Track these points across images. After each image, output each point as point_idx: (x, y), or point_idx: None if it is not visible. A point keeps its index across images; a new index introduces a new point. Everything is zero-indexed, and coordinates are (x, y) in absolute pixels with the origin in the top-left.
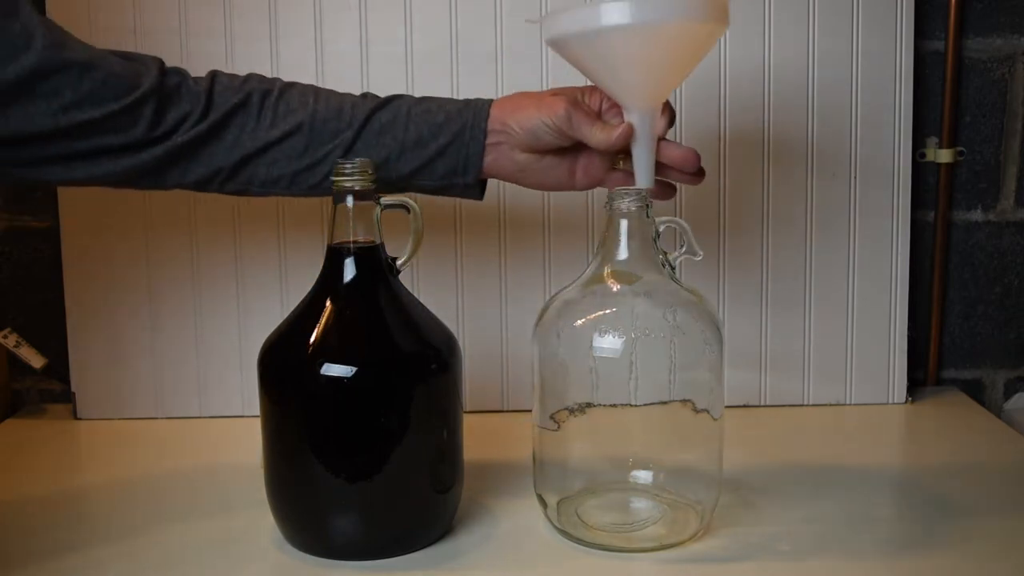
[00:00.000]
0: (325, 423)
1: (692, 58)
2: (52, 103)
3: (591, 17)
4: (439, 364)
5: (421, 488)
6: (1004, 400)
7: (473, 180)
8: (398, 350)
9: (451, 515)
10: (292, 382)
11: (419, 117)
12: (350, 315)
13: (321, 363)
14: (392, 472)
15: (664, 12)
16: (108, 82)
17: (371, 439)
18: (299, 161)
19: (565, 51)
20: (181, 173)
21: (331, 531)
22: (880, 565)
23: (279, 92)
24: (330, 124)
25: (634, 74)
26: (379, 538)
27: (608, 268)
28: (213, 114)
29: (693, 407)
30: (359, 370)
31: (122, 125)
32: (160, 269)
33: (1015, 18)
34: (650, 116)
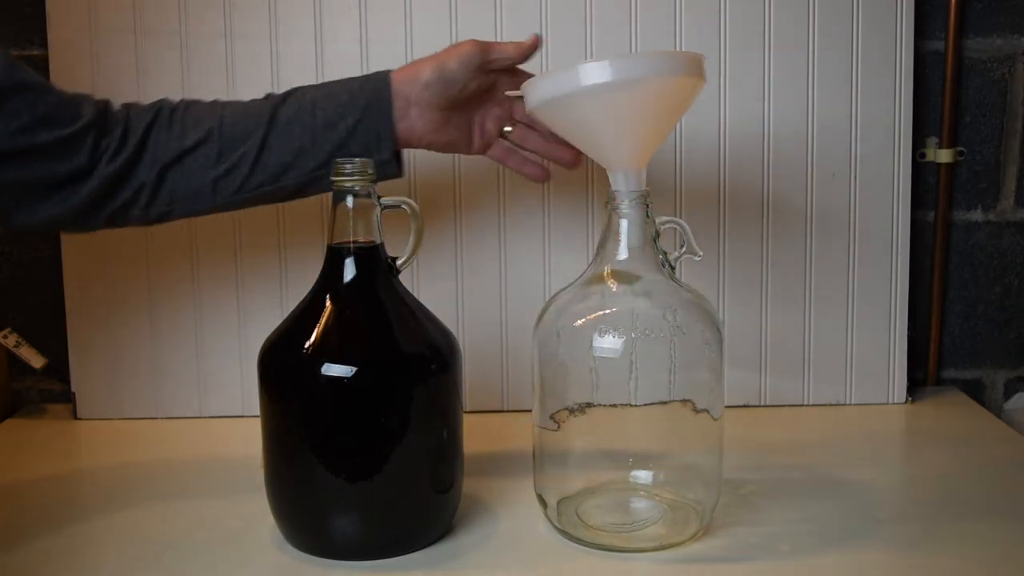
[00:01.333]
0: (325, 423)
1: (673, 114)
2: (10, 124)
3: (571, 79)
4: (439, 364)
5: (421, 488)
6: (1004, 400)
7: (389, 154)
8: (398, 350)
9: (451, 515)
10: (292, 382)
11: (323, 102)
12: (350, 315)
13: (321, 363)
14: (392, 472)
15: (642, 69)
16: (59, 107)
17: (371, 439)
18: (215, 168)
19: (549, 117)
20: (112, 201)
21: (331, 531)
22: (880, 565)
23: (186, 106)
24: (239, 127)
25: (616, 133)
26: (379, 538)
27: (608, 268)
28: (131, 138)
29: (693, 407)
30: (359, 370)
31: (69, 152)
32: (160, 269)
33: (1015, 18)
34: (635, 176)
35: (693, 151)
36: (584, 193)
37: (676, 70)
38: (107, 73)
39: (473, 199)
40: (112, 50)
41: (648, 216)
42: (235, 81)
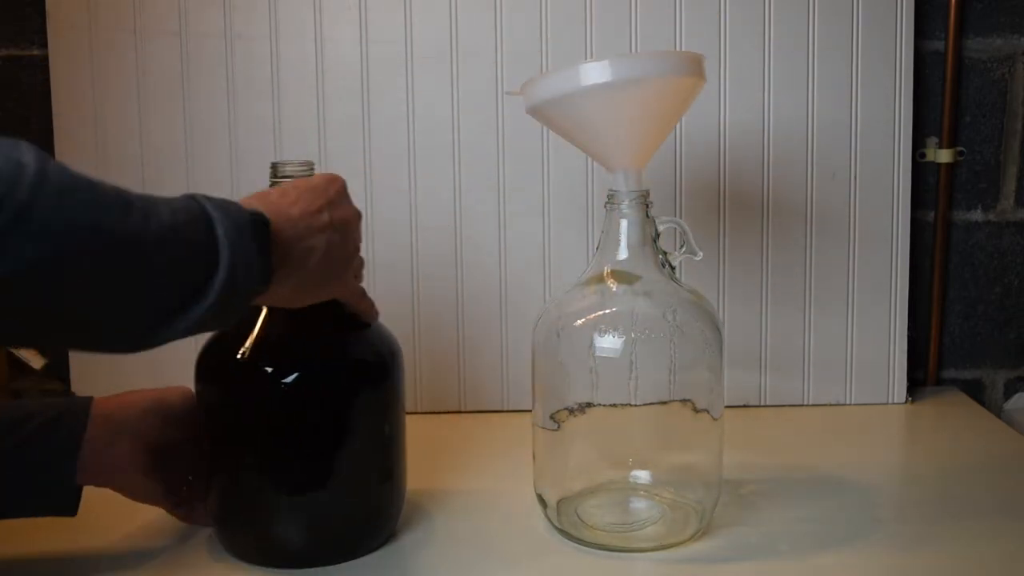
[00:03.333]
0: (260, 426)
1: (673, 114)
2: None
3: (571, 78)
4: (380, 371)
5: (361, 495)
6: (1004, 400)
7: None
8: (339, 355)
9: (393, 522)
10: (226, 383)
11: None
12: (290, 318)
13: (258, 366)
14: (329, 478)
15: (642, 69)
16: None
17: (307, 444)
18: None
19: (548, 117)
20: None
21: (265, 536)
22: (880, 565)
23: None
24: None
25: (616, 133)
26: (314, 544)
27: (608, 268)
28: None
29: (693, 407)
30: (299, 375)
31: None
32: None
33: (1015, 18)
34: (635, 176)
35: (693, 151)
36: (584, 193)
37: (676, 70)
38: (107, 73)
39: (473, 198)
40: (112, 50)
41: (648, 216)
42: (235, 81)
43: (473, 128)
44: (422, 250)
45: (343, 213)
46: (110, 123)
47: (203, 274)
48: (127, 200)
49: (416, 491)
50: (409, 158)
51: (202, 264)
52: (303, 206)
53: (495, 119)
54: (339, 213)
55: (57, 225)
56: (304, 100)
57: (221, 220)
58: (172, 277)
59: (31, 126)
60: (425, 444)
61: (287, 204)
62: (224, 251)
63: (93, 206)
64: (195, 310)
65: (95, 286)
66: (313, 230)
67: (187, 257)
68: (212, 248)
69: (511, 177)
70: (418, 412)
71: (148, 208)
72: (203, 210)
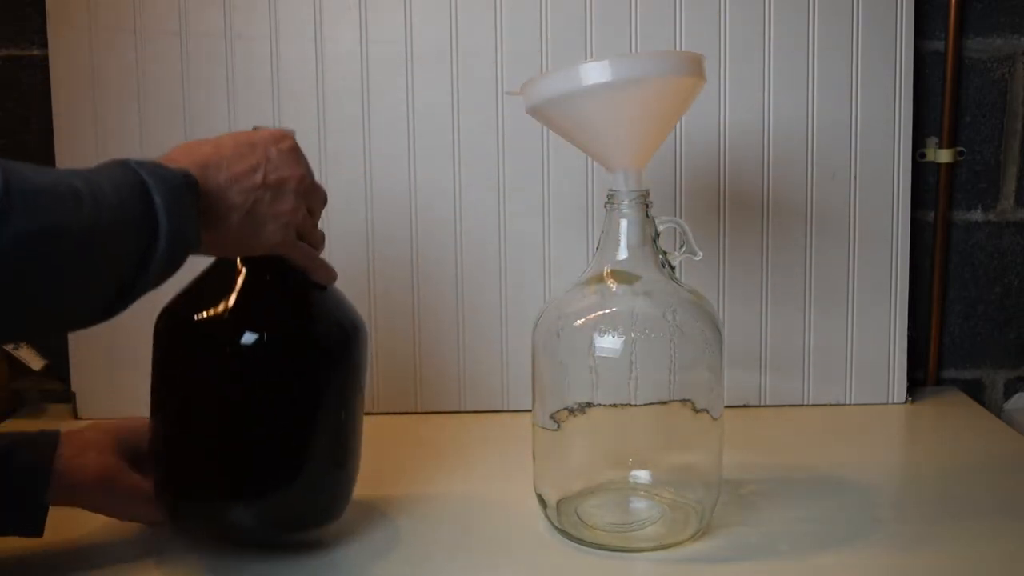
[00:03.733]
0: (206, 390)
1: (673, 114)
2: None
3: (571, 78)
4: (344, 346)
5: (314, 470)
6: (1004, 400)
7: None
8: (302, 325)
9: (343, 501)
10: (175, 346)
11: None
12: (257, 283)
13: (206, 328)
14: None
15: (642, 69)
16: None
17: (248, 412)
18: None
19: (548, 117)
20: None
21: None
22: (880, 565)
23: None
24: None
25: (616, 133)
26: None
27: (608, 268)
28: None
29: (693, 407)
30: (258, 338)
31: None
32: None
33: (1015, 18)
34: (635, 176)
35: (693, 151)
36: (584, 193)
37: (676, 70)
38: (107, 73)
39: (473, 199)
40: (112, 50)
41: (648, 216)
42: (235, 81)
43: (473, 128)
44: (422, 250)
45: (282, 174)
46: (110, 123)
47: (147, 243)
48: (77, 192)
49: (416, 491)
50: (409, 158)
51: (145, 235)
52: (234, 162)
53: (495, 119)
54: (277, 174)
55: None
56: (304, 100)
57: (157, 188)
58: (122, 254)
59: (31, 126)
60: (425, 444)
61: (217, 158)
62: (163, 219)
63: (53, 209)
64: (144, 277)
65: (57, 278)
66: (239, 188)
67: (133, 232)
68: (152, 218)
69: (511, 177)
70: (418, 412)
71: (96, 193)
72: (140, 180)
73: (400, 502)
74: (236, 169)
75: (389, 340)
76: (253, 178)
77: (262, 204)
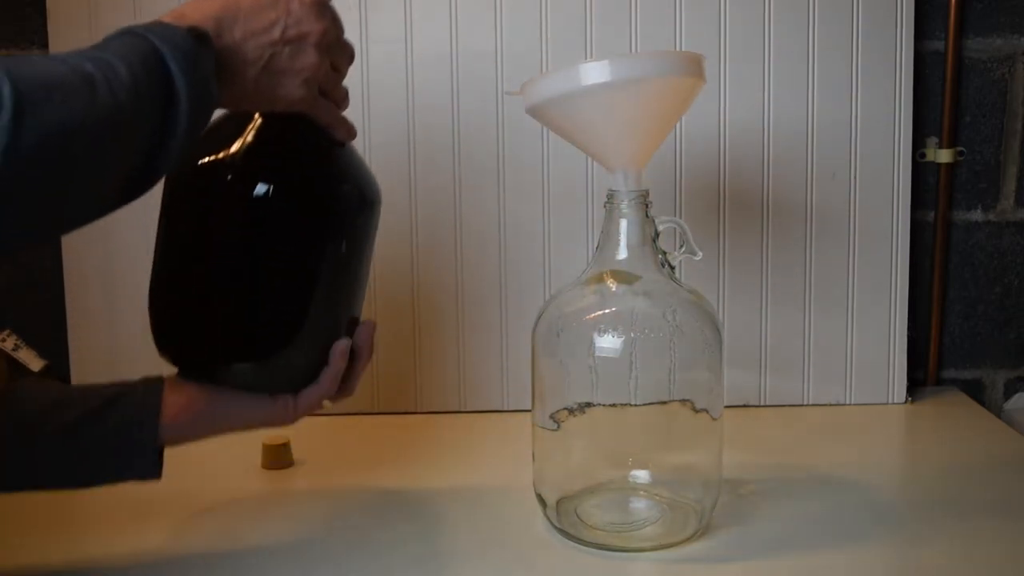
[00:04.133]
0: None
1: (673, 114)
2: None
3: (571, 78)
4: (356, 212)
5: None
6: (1004, 400)
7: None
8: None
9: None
10: (190, 188)
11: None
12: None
13: (231, 175)
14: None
15: (642, 69)
16: None
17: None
18: None
19: (547, 117)
20: None
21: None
22: (880, 565)
23: None
24: None
25: (616, 133)
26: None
27: (608, 268)
28: None
29: (692, 407)
30: (269, 189)
31: None
32: None
33: (1015, 18)
34: (635, 176)
35: (693, 151)
36: (584, 193)
37: (676, 70)
38: None
39: (473, 199)
40: None
41: (648, 216)
42: None
43: (473, 128)
44: (422, 249)
45: (302, 29)
46: None
47: (167, 113)
48: (90, 78)
49: (416, 490)
50: (409, 158)
51: (165, 105)
52: (251, 15)
53: (495, 119)
54: (297, 29)
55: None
56: None
57: (171, 55)
58: (145, 127)
59: None
60: (425, 444)
61: (233, 11)
62: (180, 85)
63: (68, 105)
64: (170, 143)
65: (87, 166)
66: (256, 43)
67: (152, 105)
68: (170, 86)
69: (511, 177)
70: (418, 412)
71: (108, 75)
72: (153, 49)
73: (400, 502)
74: (253, 23)
75: (389, 340)
76: (271, 33)
77: (280, 59)
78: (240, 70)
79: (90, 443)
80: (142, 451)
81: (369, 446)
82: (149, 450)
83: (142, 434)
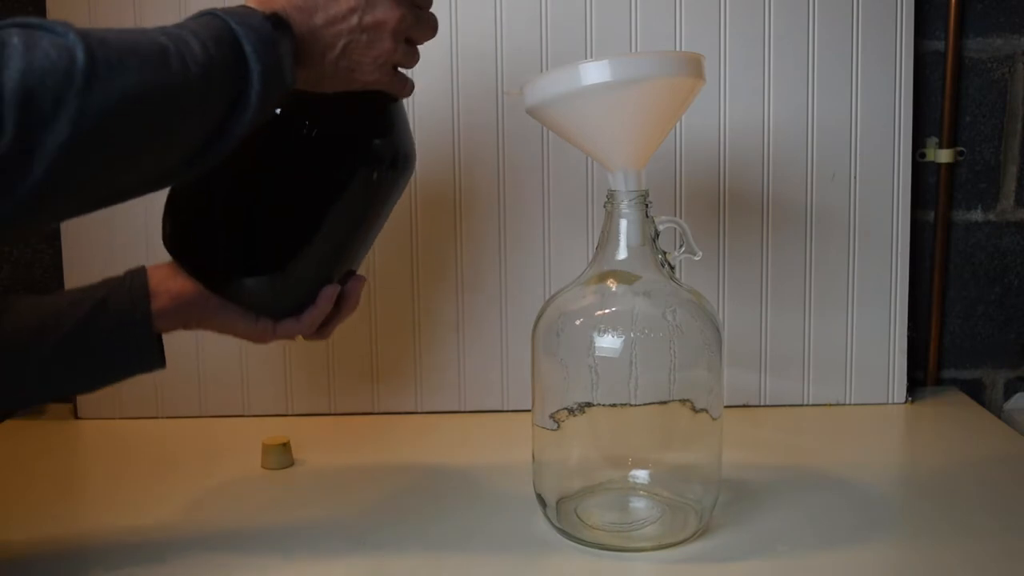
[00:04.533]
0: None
1: (673, 114)
2: None
3: (571, 78)
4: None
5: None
6: (1004, 400)
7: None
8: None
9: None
10: None
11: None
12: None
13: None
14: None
15: (642, 69)
16: None
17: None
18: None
19: (547, 117)
20: None
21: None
22: (880, 565)
23: None
24: None
25: (616, 133)
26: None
27: (608, 268)
28: None
29: (692, 407)
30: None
31: None
32: None
33: (1015, 18)
34: (635, 176)
35: (693, 151)
36: (584, 193)
37: (676, 70)
38: None
39: (473, 199)
40: None
41: (648, 216)
42: None
43: (473, 128)
44: (422, 250)
45: (378, 16)
46: None
47: (239, 90)
48: (163, 49)
49: (416, 490)
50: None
51: (236, 81)
52: (331, 3)
53: (495, 119)
54: (373, 17)
55: (113, 100)
56: None
57: (246, 35)
58: (215, 103)
59: None
60: (425, 444)
61: (312, 3)
62: (253, 64)
63: (140, 73)
64: (239, 122)
65: (155, 135)
66: (334, 31)
67: (223, 81)
68: (243, 63)
69: (511, 177)
70: (418, 412)
71: (182, 49)
72: (228, 27)
73: (400, 502)
74: (333, 10)
75: (389, 340)
76: (349, 20)
77: (357, 45)
78: (319, 55)
79: (90, 347)
80: (141, 344)
81: (369, 446)
82: (148, 342)
83: (138, 329)
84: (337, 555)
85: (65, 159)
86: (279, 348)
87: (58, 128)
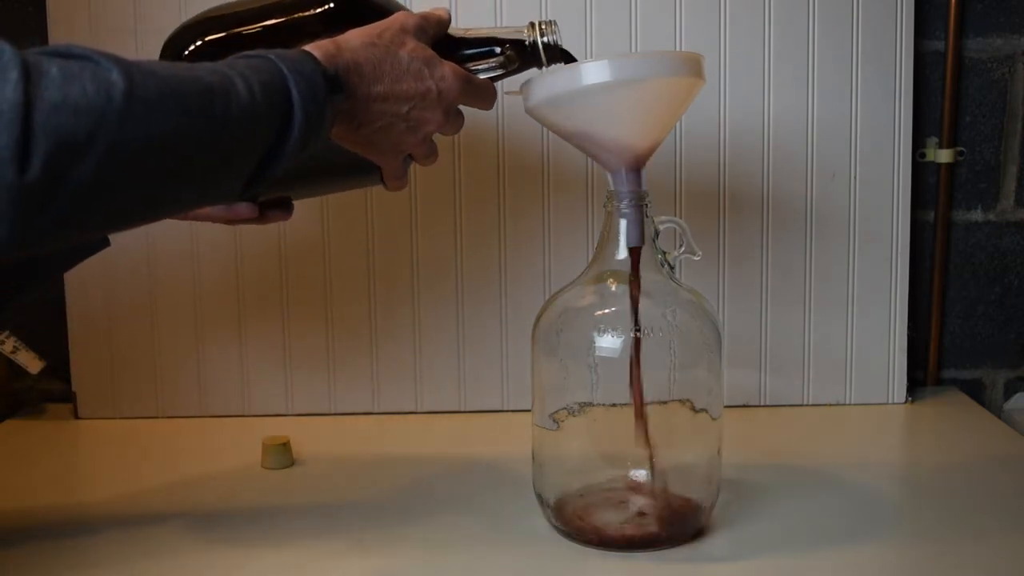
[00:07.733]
0: None
1: (673, 114)
2: None
3: (571, 78)
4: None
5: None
6: (1004, 400)
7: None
8: None
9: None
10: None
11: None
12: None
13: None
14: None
15: (642, 69)
16: None
17: None
18: None
19: (547, 117)
20: None
21: None
22: (879, 565)
23: None
24: None
25: (616, 133)
26: None
27: (608, 268)
28: None
29: (692, 406)
30: None
31: None
32: (161, 269)
33: (1015, 18)
34: (635, 176)
35: (693, 151)
36: (584, 193)
37: (676, 70)
38: None
39: (473, 198)
40: (112, 50)
41: (647, 216)
42: None
43: (473, 128)
44: (422, 249)
45: (425, 115)
46: None
47: (278, 140)
48: (208, 90)
49: (416, 490)
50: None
51: (279, 132)
52: (395, 80)
53: (495, 119)
54: (421, 113)
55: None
56: None
57: (296, 87)
58: (253, 145)
59: None
60: (425, 444)
61: (380, 69)
62: (299, 113)
63: (177, 115)
64: (270, 168)
65: (181, 179)
66: (383, 108)
67: (266, 128)
68: (288, 114)
69: (511, 177)
70: (418, 412)
71: (229, 90)
72: (281, 76)
73: (399, 502)
74: (394, 88)
75: (389, 340)
76: (401, 106)
77: (393, 131)
78: (358, 122)
79: None
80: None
81: (369, 446)
82: None
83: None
84: (337, 555)
85: (89, 195)
86: (279, 348)
87: (86, 165)
